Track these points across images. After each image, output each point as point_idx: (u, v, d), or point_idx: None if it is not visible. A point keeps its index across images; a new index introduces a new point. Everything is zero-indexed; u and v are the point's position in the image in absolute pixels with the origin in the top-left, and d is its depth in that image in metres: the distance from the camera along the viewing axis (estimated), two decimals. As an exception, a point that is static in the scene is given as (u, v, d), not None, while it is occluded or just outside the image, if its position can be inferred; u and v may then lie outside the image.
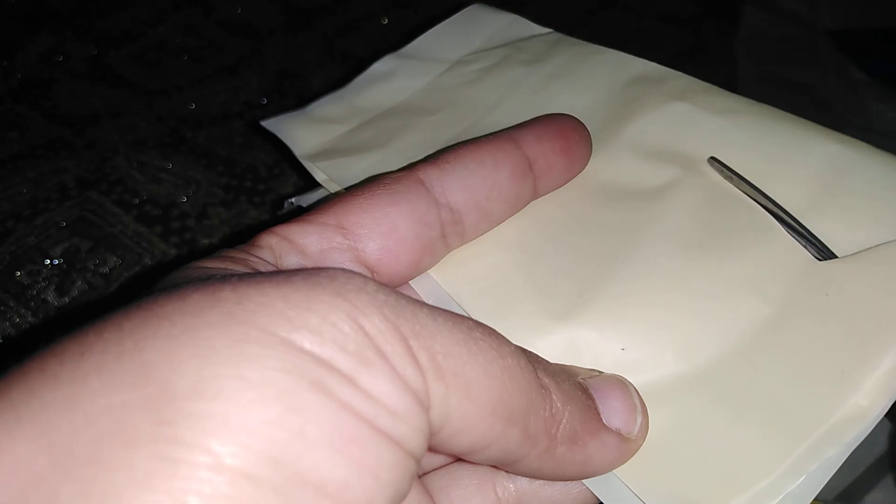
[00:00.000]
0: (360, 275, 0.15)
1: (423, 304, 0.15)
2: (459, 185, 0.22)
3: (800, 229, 0.23)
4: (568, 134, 0.24)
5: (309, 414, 0.13)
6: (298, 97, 0.45)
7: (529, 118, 0.25)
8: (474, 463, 0.18)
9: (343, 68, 0.30)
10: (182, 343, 0.13)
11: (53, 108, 0.44)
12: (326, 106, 0.31)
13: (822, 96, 0.49)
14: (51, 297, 0.34)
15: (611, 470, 0.19)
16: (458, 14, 0.34)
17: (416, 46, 0.33)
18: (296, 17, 0.51)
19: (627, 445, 0.19)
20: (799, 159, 0.25)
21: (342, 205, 0.21)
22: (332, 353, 0.13)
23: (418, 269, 0.22)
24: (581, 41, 0.31)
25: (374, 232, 0.21)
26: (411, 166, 0.22)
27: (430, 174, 0.22)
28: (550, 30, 0.32)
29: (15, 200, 0.38)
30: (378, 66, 0.32)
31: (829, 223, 0.23)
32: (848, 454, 0.19)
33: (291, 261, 0.20)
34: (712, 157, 0.25)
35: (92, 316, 0.14)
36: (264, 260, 0.19)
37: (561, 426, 0.17)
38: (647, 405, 0.20)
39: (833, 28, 0.53)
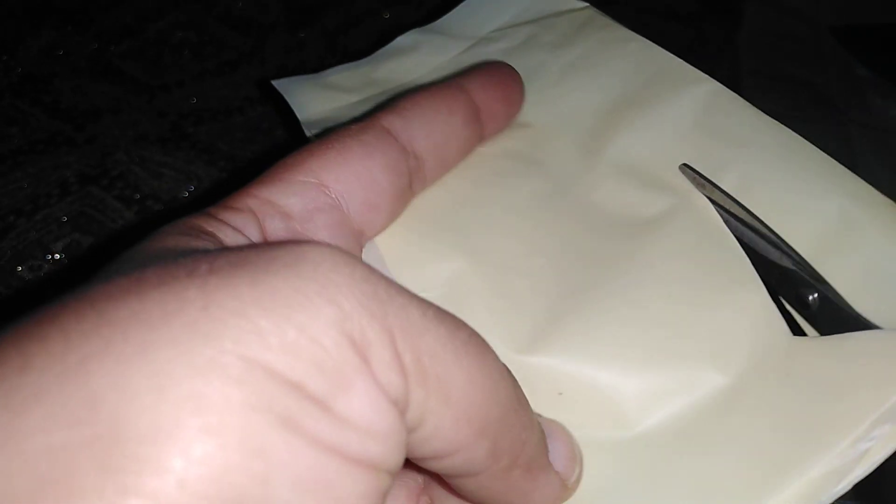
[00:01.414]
0: (346, 258, 0.14)
1: (412, 295, 0.14)
2: (422, 133, 0.22)
3: (799, 273, 0.21)
4: (508, 83, 0.25)
5: (275, 458, 0.12)
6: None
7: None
8: (422, 470, 0.17)
9: (344, 64, 0.30)
10: (135, 368, 0.11)
11: (54, 103, 0.43)
12: (341, 74, 0.30)
13: (824, 92, 0.49)
14: (52, 292, 0.34)
15: None
16: None
17: (444, 22, 0.31)
18: (297, 12, 0.51)
19: (563, 491, 0.18)
20: (800, 217, 0.23)
21: (317, 160, 0.20)
22: (307, 374, 0.12)
23: (391, 220, 0.22)
24: (612, 23, 0.29)
25: (356, 187, 0.20)
26: (373, 115, 0.22)
27: (394, 123, 0.22)
28: (585, 4, 0.31)
29: (16, 195, 0.38)
30: (401, 40, 0.31)
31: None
32: None
33: (277, 225, 0.19)
34: (684, 164, 0.24)
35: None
36: (240, 231, 0.18)
37: (524, 449, 0.16)
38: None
39: (836, 24, 0.52)
